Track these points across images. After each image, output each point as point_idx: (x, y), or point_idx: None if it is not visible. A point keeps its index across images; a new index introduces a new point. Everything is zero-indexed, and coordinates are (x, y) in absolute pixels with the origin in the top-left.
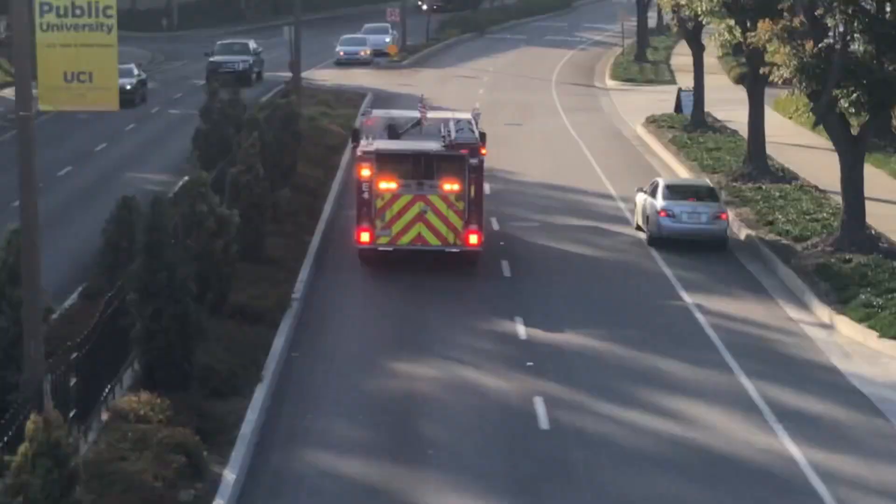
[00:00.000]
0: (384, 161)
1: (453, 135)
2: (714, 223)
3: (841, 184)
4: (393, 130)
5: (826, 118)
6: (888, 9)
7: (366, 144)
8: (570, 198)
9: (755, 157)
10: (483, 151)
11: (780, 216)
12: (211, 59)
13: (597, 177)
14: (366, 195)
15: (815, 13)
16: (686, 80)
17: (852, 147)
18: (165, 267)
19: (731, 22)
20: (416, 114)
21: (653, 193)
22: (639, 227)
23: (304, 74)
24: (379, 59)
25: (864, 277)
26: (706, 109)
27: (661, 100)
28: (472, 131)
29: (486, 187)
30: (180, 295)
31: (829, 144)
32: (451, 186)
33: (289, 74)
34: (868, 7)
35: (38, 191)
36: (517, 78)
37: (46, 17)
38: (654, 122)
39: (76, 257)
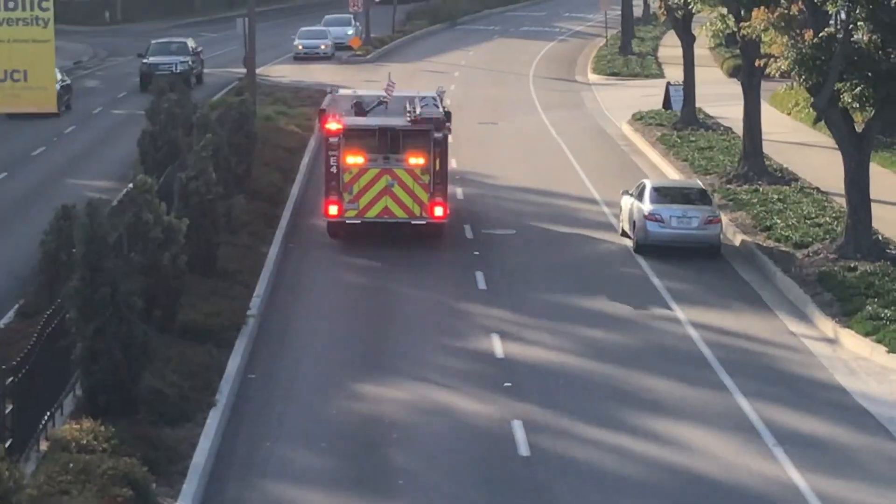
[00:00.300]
0: (351, 136)
1: (418, 110)
2: (706, 228)
3: (845, 185)
4: (359, 107)
5: (828, 114)
6: None
7: (332, 118)
8: (551, 202)
9: (751, 157)
10: (448, 126)
11: (778, 221)
12: (144, 60)
13: (579, 179)
14: (333, 170)
15: (815, 0)
16: (675, 74)
17: (856, 145)
18: (108, 281)
19: (724, 10)
20: (382, 93)
21: (639, 196)
22: (624, 234)
23: (259, 70)
24: (341, 52)
25: (870, 287)
26: (697, 105)
27: (648, 95)
28: (437, 107)
29: (460, 192)
30: (125, 312)
31: (832, 142)
32: (416, 160)
33: (242, 70)
34: None
35: None
36: (491, 72)
37: None
38: (640, 120)
39: (12, 272)
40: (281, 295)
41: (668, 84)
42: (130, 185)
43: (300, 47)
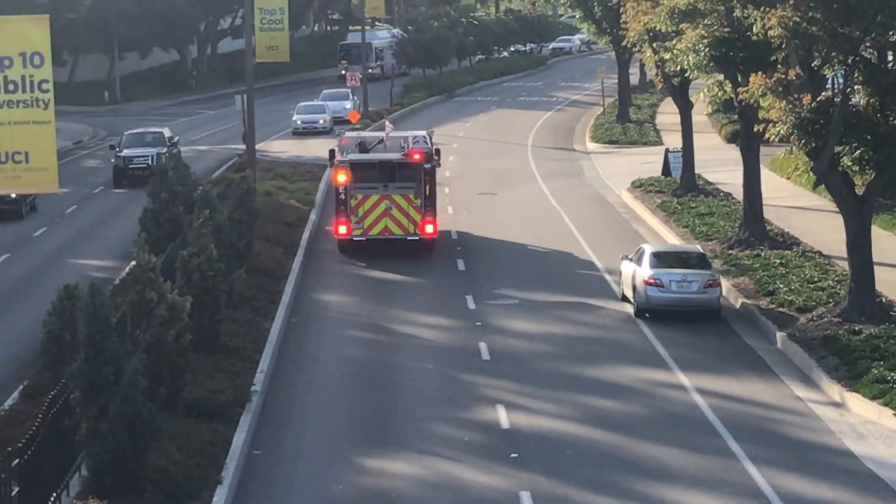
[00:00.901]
0: (356, 169)
1: (410, 146)
2: (706, 292)
3: (847, 248)
4: (363, 146)
5: (828, 177)
6: (890, 58)
7: (341, 157)
8: (552, 271)
9: (752, 222)
10: (436, 159)
11: (781, 285)
12: (118, 153)
13: (580, 247)
14: (342, 196)
15: (812, 64)
16: (673, 140)
17: (857, 208)
18: (111, 361)
19: (721, 76)
20: (381, 134)
21: (639, 261)
22: (625, 298)
23: (258, 146)
24: (339, 126)
25: (875, 350)
26: (696, 171)
27: (647, 162)
28: (427, 144)
29: (461, 263)
30: (129, 391)
31: (832, 206)
32: (408, 187)
33: (242, 147)
34: (869, 56)
35: None
36: (490, 143)
37: None
38: (640, 187)
39: (16, 352)
40: (285, 370)
41: (667, 151)
42: (133, 264)
43: (299, 122)
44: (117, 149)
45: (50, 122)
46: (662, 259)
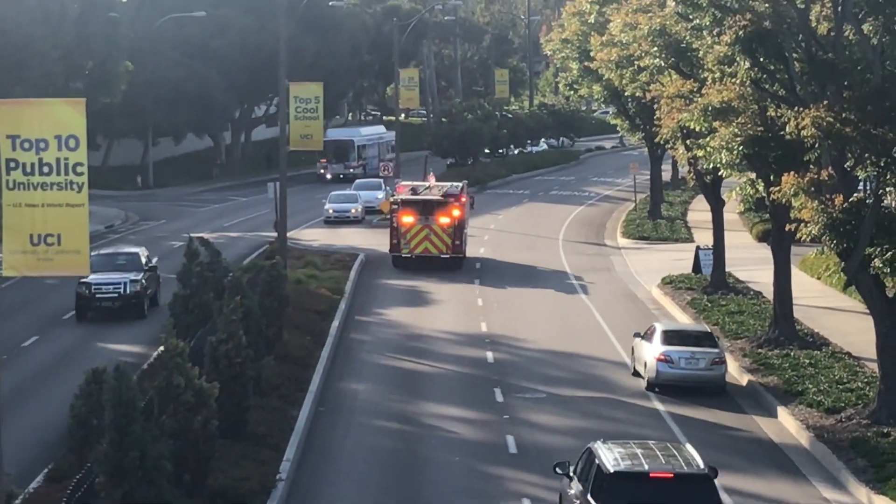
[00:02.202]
0: (406, 206)
1: (445, 191)
2: (712, 369)
3: (877, 350)
4: (414, 191)
5: (859, 278)
6: None
7: (395, 199)
8: (581, 366)
9: (782, 322)
10: (463, 199)
11: (810, 386)
12: (82, 279)
13: (609, 343)
14: (395, 225)
15: (845, 165)
16: (705, 238)
17: (888, 310)
18: (136, 445)
19: (753, 175)
20: (427, 183)
21: (650, 339)
22: (636, 373)
23: (290, 234)
24: (371, 216)
25: None
26: (727, 269)
27: (677, 259)
28: (458, 190)
29: (490, 355)
30: (154, 476)
31: (863, 307)
32: (444, 220)
33: (273, 234)
34: None
35: (1, 363)
36: (521, 236)
37: (13, 175)
38: (670, 284)
39: (42, 435)
40: (311, 459)
41: (698, 248)
42: (161, 349)
43: (331, 211)
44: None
45: (83, 205)
46: (672, 337)
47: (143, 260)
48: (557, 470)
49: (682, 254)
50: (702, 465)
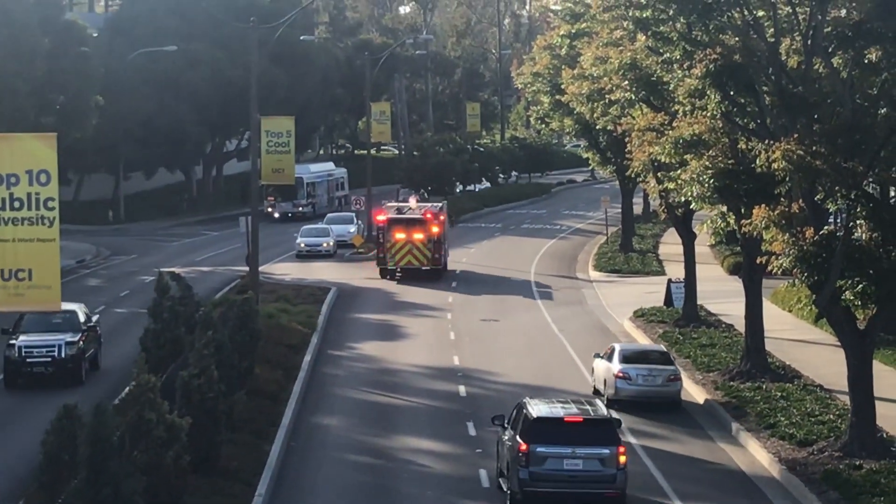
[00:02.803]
0: (391, 223)
1: (426, 209)
2: (668, 385)
3: (848, 382)
4: (399, 210)
5: (830, 311)
6: (893, 193)
7: (382, 217)
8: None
9: (753, 354)
10: (442, 217)
11: (782, 418)
12: (11, 340)
13: (581, 376)
14: (381, 241)
15: (816, 198)
16: (676, 271)
17: (859, 342)
18: (110, 482)
19: (724, 208)
20: (410, 204)
21: (610, 358)
22: (596, 392)
23: (262, 268)
24: (343, 250)
25: (876, 486)
26: (699, 302)
27: (649, 292)
28: (437, 209)
29: (462, 389)
30: None
31: (834, 339)
32: (423, 235)
33: (245, 268)
34: (872, 191)
35: None
36: (494, 269)
37: None
38: (642, 317)
39: (13, 472)
40: (283, 494)
41: (670, 281)
42: (133, 384)
43: (302, 245)
44: (12, 333)
45: (54, 239)
46: (630, 356)
47: (82, 318)
48: (495, 422)
49: (654, 287)
50: (605, 413)
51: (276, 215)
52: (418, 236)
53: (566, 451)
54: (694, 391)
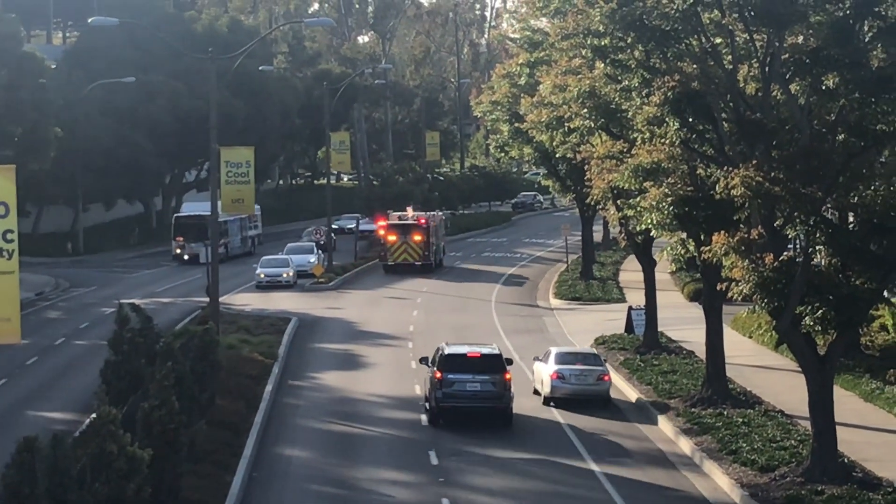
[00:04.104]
0: (390, 228)
1: (419, 216)
2: (598, 384)
3: (809, 408)
4: (401, 218)
5: (790, 337)
6: (851, 218)
7: (383, 223)
8: (516, 427)
9: (714, 381)
10: (431, 224)
11: (744, 444)
12: None
13: (545, 408)
14: (382, 242)
15: (775, 224)
16: (637, 298)
17: (819, 368)
18: None
19: (684, 235)
20: (407, 213)
21: (546, 360)
22: (536, 392)
23: (222, 299)
24: (304, 280)
25: None
26: (660, 329)
27: (610, 319)
28: (433, 216)
29: (424, 418)
30: None
31: (795, 365)
32: (417, 238)
33: (205, 299)
34: (830, 217)
35: None
36: (454, 298)
37: None
38: (603, 344)
39: None
40: None
41: (630, 308)
42: (93, 416)
43: (262, 276)
44: None
45: (14, 272)
46: (564, 358)
47: None
48: (422, 362)
49: (615, 314)
50: (497, 351)
51: (186, 257)
52: (412, 238)
53: (468, 377)
54: (656, 417)
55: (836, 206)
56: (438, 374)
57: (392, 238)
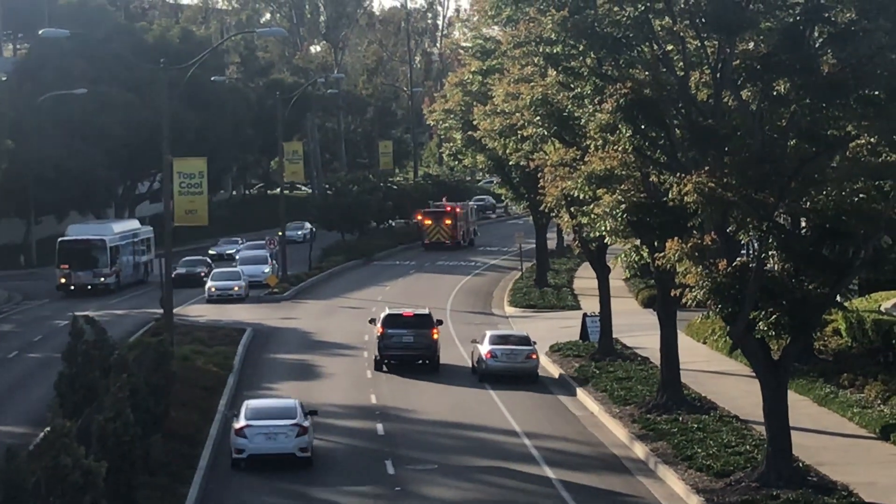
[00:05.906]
0: (426, 214)
1: (449, 207)
2: (527, 362)
3: (763, 413)
4: (437, 207)
5: (744, 342)
6: (804, 224)
7: (422, 213)
8: (471, 435)
9: (669, 387)
10: (458, 210)
11: (699, 450)
12: None
13: (499, 412)
14: (420, 226)
15: (728, 230)
16: (591, 305)
17: (774, 373)
18: None
19: (638, 241)
20: (443, 203)
21: (482, 342)
22: (474, 370)
23: (176, 310)
24: (258, 291)
25: None
26: (614, 336)
27: (565, 326)
28: (458, 206)
29: (380, 427)
30: None
31: (749, 370)
32: (448, 221)
33: (160, 311)
34: (783, 222)
35: None
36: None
37: None
38: (558, 351)
39: None
40: None
41: (585, 315)
42: (47, 429)
43: (213, 289)
44: None
45: None
46: (497, 339)
47: None
48: (370, 322)
49: (570, 321)
50: (427, 312)
51: (72, 287)
52: (444, 222)
53: (403, 332)
54: (611, 424)
55: (789, 211)
56: (380, 330)
57: (428, 222)
